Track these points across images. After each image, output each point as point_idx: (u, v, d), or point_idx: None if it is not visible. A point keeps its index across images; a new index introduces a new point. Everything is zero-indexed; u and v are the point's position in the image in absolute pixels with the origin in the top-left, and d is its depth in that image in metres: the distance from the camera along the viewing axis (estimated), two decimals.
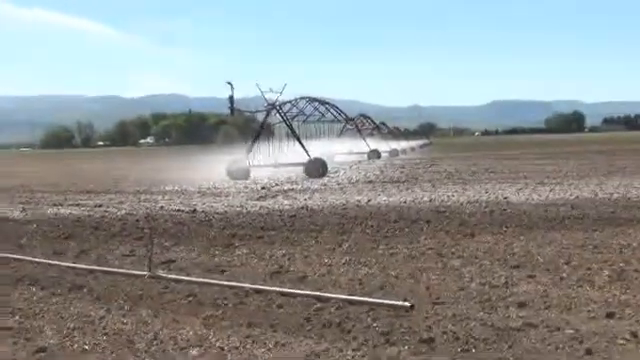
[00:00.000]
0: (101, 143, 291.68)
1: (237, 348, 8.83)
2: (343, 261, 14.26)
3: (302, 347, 8.76)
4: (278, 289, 11.62)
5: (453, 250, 15.02)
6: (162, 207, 26.29)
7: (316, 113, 70.64)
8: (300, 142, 49.04)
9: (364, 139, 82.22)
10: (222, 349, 8.81)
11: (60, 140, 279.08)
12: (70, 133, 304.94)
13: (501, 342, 8.63)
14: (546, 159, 59.60)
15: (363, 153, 77.15)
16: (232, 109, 48.05)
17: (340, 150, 72.89)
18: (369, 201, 26.30)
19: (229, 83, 46.46)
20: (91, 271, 13.98)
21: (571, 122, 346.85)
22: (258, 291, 11.55)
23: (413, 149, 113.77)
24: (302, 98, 62.16)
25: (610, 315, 9.64)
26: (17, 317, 10.58)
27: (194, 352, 8.73)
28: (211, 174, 44.13)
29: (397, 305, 10.26)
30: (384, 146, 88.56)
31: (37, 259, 15.41)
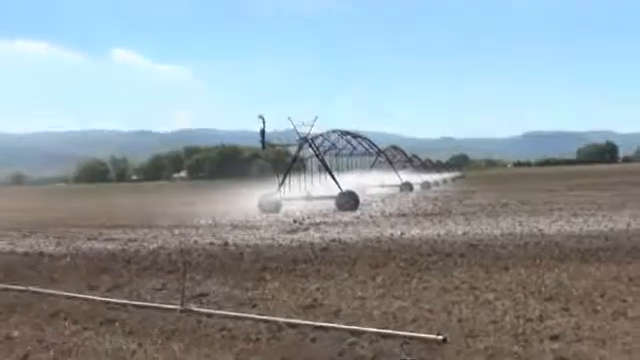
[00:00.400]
0: (135, 177, 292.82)
1: None
2: (377, 294, 14.23)
3: None
4: (311, 323, 11.61)
5: (487, 283, 14.96)
6: (195, 241, 26.33)
7: (348, 146, 70.70)
8: (332, 175, 49.08)
9: (396, 172, 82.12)
10: None
11: (94, 174, 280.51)
12: (105, 167, 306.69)
13: None
14: (579, 190, 59.27)
15: (395, 186, 76.99)
16: (263, 142, 48.12)
17: (372, 183, 72.79)
18: (402, 234, 26.23)
19: (261, 117, 46.47)
20: (124, 305, 14.03)
21: (604, 153, 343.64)
22: (291, 325, 11.55)
23: (445, 181, 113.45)
24: (334, 131, 62.27)
25: None
26: (51, 352, 10.63)
27: None
28: (243, 207, 44.24)
29: (430, 339, 10.23)
30: (416, 178, 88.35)
31: (70, 293, 15.48)
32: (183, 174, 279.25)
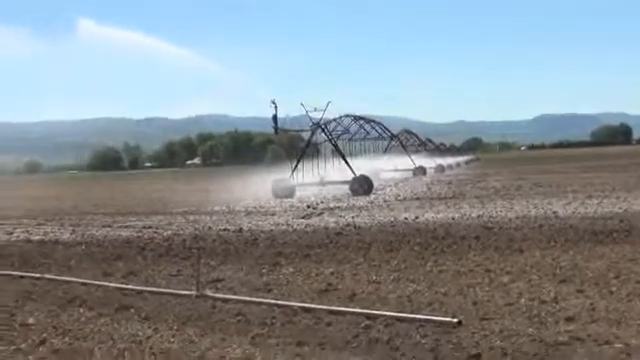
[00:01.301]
0: (148, 164, 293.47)
1: None
2: (391, 278, 14.24)
3: None
4: (326, 307, 11.61)
5: (501, 266, 14.95)
6: (210, 227, 26.36)
7: (361, 131, 70.65)
8: (345, 160, 49.04)
9: (409, 156, 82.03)
10: None
11: (108, 162, 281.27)
12: (118, 154, 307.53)
13: (550, 357, 8.58)
14: (594, 172, 59.17)
15: (409, 170, 76.90)
16: (276, 128, 48.05)
17: (386, 167, 72.72)
18: (417, 218, 26.23)
19: (273, 102, 46.37)
20: (139, 291, 14.06)
21: (618, 134, 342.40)
22: (306, 309, 11.56)
23: (459, 165, 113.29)
24: (347, 116, 62.19)
25: None
26: (67, 338, 10.67)
27: None
28: (257, 193, 44.25)
29: (445, 321, 10.23)
30: (430, 162, 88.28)
31: (86, 280, 15.53)
32: (197, 160, 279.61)
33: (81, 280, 15.56)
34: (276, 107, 46.68)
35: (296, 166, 47.79)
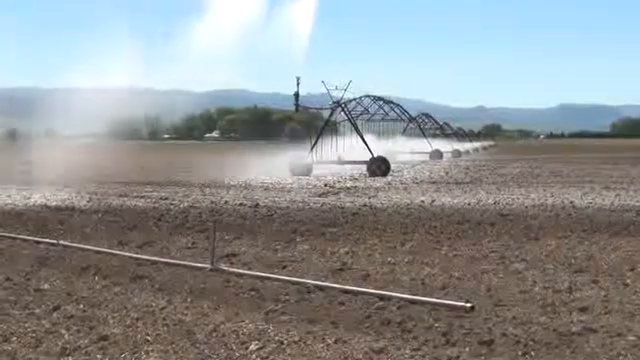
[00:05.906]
0: (167, 136, 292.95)
1: (296, 343, 8.87)
2: (406, 260, 14.25)
3: (362, 344, 8.76)
4: (340, 286, 11.64)
5: (516, 253, 14.93)
6: (226, 201, 26.39)
7: (380, 111, 70.52)
8: (364, 140, 48.94)
9: (427, 139, 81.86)
10: (281, 343, 8.85)
11: (127, 132, 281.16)
12: (137, 125, 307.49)
13: (562, 347, 8.57)
14: (612, 164, 58.77)
15: (425, 153, 76.68)
16: (297, 105, 48.17)
17: (402, 149, 72.48)
18: (433, 202, 26.17)
19: (297, 78, 46.47)
20: (154, 262, 14.11)
21: (638, 127, 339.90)
22: (320, 288, 11.58)
23: (477, 150, 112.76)
24: (367, 96, 62.11)
25: None
26: (81, 305, 10.72)
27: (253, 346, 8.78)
28: (275, 170, 44.17)
29: (458, 306, 10.23)
30: (447, 146, 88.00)
31: (101, 249, 15.60)
32: (215, 134, 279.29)
33: (96, 248, 15.64)
34: (299, 84, 46.75)
35: (315, 144, 47.75)
